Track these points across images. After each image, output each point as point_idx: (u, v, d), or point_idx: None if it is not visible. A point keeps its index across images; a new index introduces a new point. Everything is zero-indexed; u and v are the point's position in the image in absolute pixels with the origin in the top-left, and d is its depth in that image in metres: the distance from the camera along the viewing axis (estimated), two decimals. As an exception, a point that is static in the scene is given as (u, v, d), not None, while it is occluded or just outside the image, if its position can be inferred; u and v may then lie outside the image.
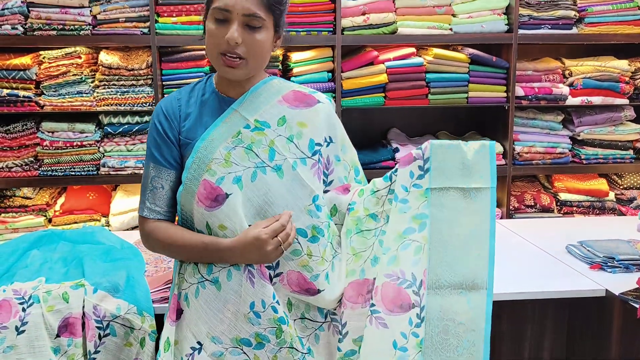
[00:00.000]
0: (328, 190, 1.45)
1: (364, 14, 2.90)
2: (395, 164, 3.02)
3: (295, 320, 1.38)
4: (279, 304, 1.33)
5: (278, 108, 1.39)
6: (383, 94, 2.95)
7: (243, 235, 1.32)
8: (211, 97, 1.41)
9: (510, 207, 3.09)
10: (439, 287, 1.27)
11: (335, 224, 1.44)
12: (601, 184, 3.18)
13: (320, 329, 1.40)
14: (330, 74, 2.94)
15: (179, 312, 1.38)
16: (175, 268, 1.42)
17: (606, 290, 1.72)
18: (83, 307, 1.61)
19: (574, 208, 3.14)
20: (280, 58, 2.90)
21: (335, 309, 1.41)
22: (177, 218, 1.43)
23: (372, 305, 1.31)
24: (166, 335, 1.38)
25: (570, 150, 3.15)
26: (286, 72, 2.96)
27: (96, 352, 1.60)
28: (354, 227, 1.41)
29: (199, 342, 1.35)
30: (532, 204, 3.12)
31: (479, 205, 1.30)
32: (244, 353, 1.34)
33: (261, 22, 1.30)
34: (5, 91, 2.77)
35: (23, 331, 1.57)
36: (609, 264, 1.89)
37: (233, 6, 1.28)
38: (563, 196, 3.15)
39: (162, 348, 1.37)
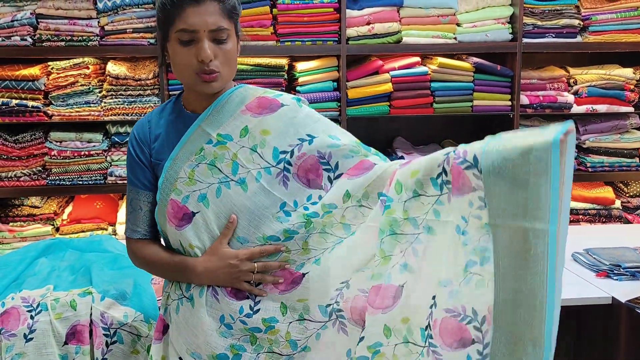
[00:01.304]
0: (341, 175, 1.38)
1: (368, 23, 2.92)
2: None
3: (291, 323, 1.35)
4: (248, 317, 1.33)
5: (241, 119, 1.37)
6: (388, 103, 2.97)
7: (217, 257, 1.33)
8: (178, 115, 1.42)
9: (516, 216, 3.09)
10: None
11: (347, 207, 1.35)
12: (607, 192, 3.17)
13: (324, 327, 1.33)
14: (335, 83, 2.95)
15: (166, 328, 1.42)
16: (165, 285, 1.46)
17: (612, 297, 1.72)
18: (91, 314, 1.63)
19: (580, 216, 3.14)
20: (286, 67, 2.92)
21: (341, 307, 1.32)
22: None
23: (430, 337, 1.20)
24: (150, 353, 1.43)
25: (575, 159, 3.15)
26: (291, 82, 2.98)
27: (104, 359, 1.61)
28: (388, 228, 1.29)
29: (180, 358, 1.37)
30: (538, 212, 3.12)
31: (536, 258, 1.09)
32: None
33: (226, 32, 1.32)
34: (14, 101, 2.80)
35: (31, 339, 1.59)
36: (615, 271, 1.89)
37: (199, 24, 1.28)
38: (569, 204, 3.14)
39: None
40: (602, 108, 3.08)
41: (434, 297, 1.21)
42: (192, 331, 1.34)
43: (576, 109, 3.07)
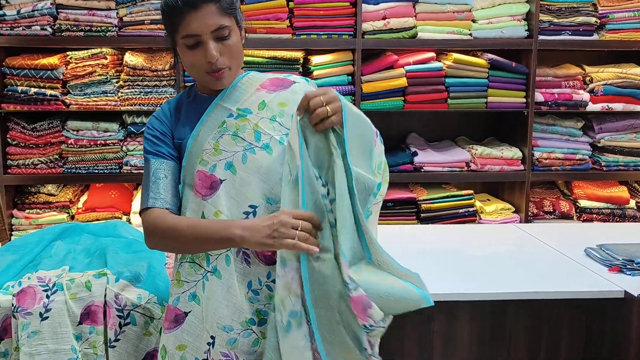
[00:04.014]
0: None
1: (384, 18, 2.93)
2: (413, 168, 3.06)
3: None
4: (274, 283, 1.35)
5: (257, 95, 1.44)
6: (402, 98, 2.97)
7: (258, 218, 1.33)
8: (195, 99, 1.49)
9: (529, 213, 3.08)
10: None
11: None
12: (622, 192, 3.15)
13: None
14: (350, 77, 2.96)
15: (178, 318, 1.40)
16: (175, 273, 1.43)
17: (625, 291, 1.71)
18: (105, 295, 1.65)
19: (594, 215, 3.12)
20: (301, 61, 2.94)
21: None
22: None
23: None
24: (162, 343, 1.42)
25: (590, 157, 3.13)
26: (306, 75, 3.00)
27: (116, 340, 1.63)
28: None
29: (212, 337, 1.37)
30: (551, 210, 3.11)
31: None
32: (254, 332, 1.36)
33: (228, 29, 1.37)
34: (33, 90, 2.84)
35: (47, 317, 1.61)
36: (628, 266, 1.87)
37: (200, 29, 1.34)
38: (583, 203, 3.13)
39: (160, 356, 1.42)
40: (617, 107, 3.07)
41: None
42: (222, 303, 1.35)
43: (592, 107, 3.06)
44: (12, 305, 1.61)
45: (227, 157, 1.39)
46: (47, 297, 1.63)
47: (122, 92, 2.89)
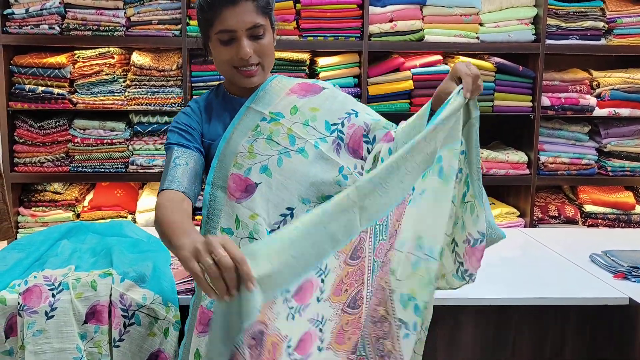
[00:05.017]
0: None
1: (391, 20, 2.93)
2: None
3: None
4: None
5: (288, 99, 1.46)
6: (409, 101, 2.97)
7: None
8: (224, 100, 1.50)
9: (534, 218, 3.07)
10: None
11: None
12: (627, 197, 3.14)
13: None
14: (356, 80, 2.97)
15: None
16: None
17: (630, 298, 1.71)
18: (110, 295, 1.65)
19: (599, 220, 3.11)
20: (307, 62, 2.94)
21: None
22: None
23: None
24: (195, 347, 1.41)
25: (596, 162, 3.12)
26: (313, 76, 3.00)
27: (121, 339, 1.63)
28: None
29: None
30: (556, 214, 3.10)
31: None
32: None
33: (263, 28, 1.40)
34: (41, 88, 2.86)
35: (52, 316, 1.61)
36: (633, 273, 1.87)
37: (236, 25, 1.36)
38: (588, 208, 3.12)
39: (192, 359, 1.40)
40: (624, 112, 3.06)
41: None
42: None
43: (598, 112, 3.05)
44: (18, 303, 1.62)
45: (262, 161, 1.40)
46: (53, 296, 1.64)
47: (129, 92, 2.90)
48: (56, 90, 2.86)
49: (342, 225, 1.20)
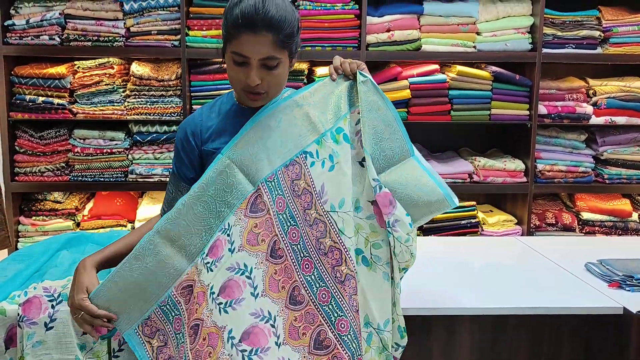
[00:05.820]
0: None
1: (388, 30, 2.95)
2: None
3: None
4: None
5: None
6: (406, 110, 3.00)
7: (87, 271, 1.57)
8: (233, 108, 1.53)
9: (532, 225, 3.09)
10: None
11: None
12: (624, 204, 3.16)
13: None
14: (354, 89, 2.98)
15: None
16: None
17: (624, 308, 1.72)
18: (109, 306, 1.66)
19: (596, 228, 3.13)
20: (306, 72, 2.96)
21: None
22: None
23: None
24: None
25: (593, 170, 3.14)
26: (311, 86, 3.02)
27: (120, 349, 1.65)
28: None
29: None
30: (554, 222, 3.12)
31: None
32: None
33: (277, 61, 1.38)
34: (41, 99, 2.88)
35: (52, 327, 1.63)
36: (628, 282, 1.88)
37: (251, 53, 1.35)
38: (585, 215, 3.14)
39: None
40: (621, 120, 3.08)
41: None
42: None
43: (595, 120, 3.07)
44: (18, 314, 1.63)
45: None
46: (52, 307, 1.65)
47: (128, 102, 2.92)
48: (56, 101, 2.89)
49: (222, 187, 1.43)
